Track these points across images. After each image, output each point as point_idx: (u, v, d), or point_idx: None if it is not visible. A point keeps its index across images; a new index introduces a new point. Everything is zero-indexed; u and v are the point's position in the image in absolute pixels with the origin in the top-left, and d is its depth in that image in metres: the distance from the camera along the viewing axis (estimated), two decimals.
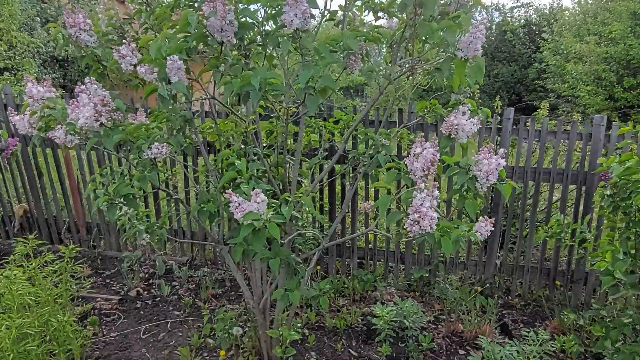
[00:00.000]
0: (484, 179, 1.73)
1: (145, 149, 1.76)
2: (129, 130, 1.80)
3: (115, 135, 1.74)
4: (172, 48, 1.60)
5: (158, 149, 1.75)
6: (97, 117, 1.69)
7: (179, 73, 1.59)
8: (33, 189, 4.23)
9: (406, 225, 1.59)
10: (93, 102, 1.67)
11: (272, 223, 1.62)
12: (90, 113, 1.67)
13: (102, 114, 1.70)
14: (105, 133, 1.73)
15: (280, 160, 2.41)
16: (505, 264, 3.70)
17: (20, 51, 7.73)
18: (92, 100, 1.68)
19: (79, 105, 1.70)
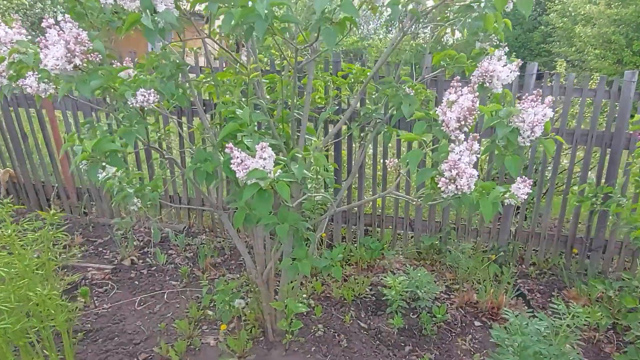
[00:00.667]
0: (528, 131, 1.48)
1: (130, 96, 1.49)
2: (110, 74, 1.52)
3: (93, 80, 1.46)
4: None
5: (144, 96, 1.48)
6: (69, 58, 1.41)
7: (166, 0, 1.31)
8: (18, 152, 3.95)
9: (440, 184, 1.35)
10: (64, 40, 1.39)
11: (281, 182, 1.38)
12: (61, 53, 1.39)
13: (76, 54, 1.41)
14: (81, 78, 1.46)
15: (286, 116, 2.15)
16: (520, 231, 3.50)
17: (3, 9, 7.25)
18: (63, 37, 1.39)
19: (47, 44, 1.42)
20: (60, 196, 4.08)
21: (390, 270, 3.34)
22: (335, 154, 3.32)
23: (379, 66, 1.91)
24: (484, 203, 1.38)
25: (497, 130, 1.49)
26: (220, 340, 2.49)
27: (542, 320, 2.02)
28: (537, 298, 3.10)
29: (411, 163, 1.38)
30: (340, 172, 3.42)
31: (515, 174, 1.49)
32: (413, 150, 1.39)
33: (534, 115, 1.47)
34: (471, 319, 2.82)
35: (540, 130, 1.48)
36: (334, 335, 2.59)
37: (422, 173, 1.40)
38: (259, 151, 1.40)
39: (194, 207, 2.19)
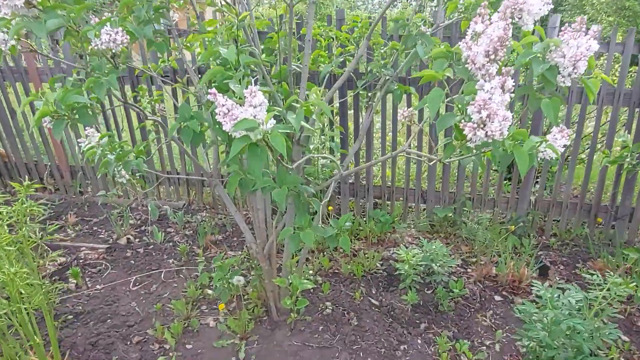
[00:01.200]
0: (570, 67, 1.23)
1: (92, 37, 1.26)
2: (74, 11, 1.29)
3: (50, 19, 1.23)
4: None
5: (110, 35, 1.25)
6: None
7: None
8: (7, 129, 3.75)
9: (466, 131, 1.12)
10: None
11: (275, 132, 1.15)
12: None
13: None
14: (36, 17, 1.23)
15: (284, 72, 1.91)
16: (540, 200, 3.27)
17: None
18: None
19: None
20: (54, 175, 3.89)
21: (401, 244, 3.13)
22: (341, 117, 3.08)
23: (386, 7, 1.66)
24: (519, 152, 1.15)
25: (533, 67, 1.24)
26: (220, 321, 2.31)
27: (576, 292, 1.81)
28: (560, 270, 2.89)
29: (431, 106, 1.14)
30: (347, 137, 3.18)
31: (554, 119, 1.25)
32: (434, 90, 1.15)
33: (577, 47, 1.22)
34: (491, 293, 2.62)
35: (584, 66, 1.24)
36: (344, 313, 2.40)
37: (444, 119, 1.16)
38: (248, 97, 1.18)
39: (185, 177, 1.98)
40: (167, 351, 2.12)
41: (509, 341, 2.22)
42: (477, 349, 2.16)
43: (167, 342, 2.16)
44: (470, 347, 2.17)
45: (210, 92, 1.17)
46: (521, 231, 3.19)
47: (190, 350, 2.13)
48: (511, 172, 3.42)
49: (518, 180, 3.26)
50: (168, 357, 2.07)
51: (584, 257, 3.03)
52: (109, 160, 1.73)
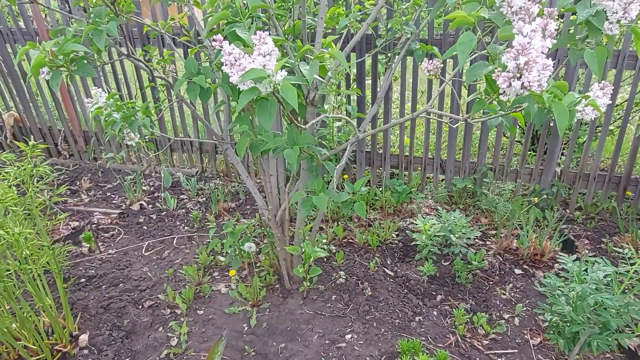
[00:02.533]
0: (620, 11, 1.09)
1: None
2: None
3: None
4: None
5: None
6: None
7: None
8: (20, 93, 3.72)
9: (500, 81, 1.00)
10: None
11: (286, 84, 1.05)
12: None
13: None
14: None
15: (298, 27, 1.78)
16: (566, 171, 3.11)
17: None
18: None
19: None
20: (67, 141, 3.87)
21: (419, 214, 3.03)
22: (358, 80, 2.94)
23: None
24: (558, 108, 1.02)
25: (578, 11, 1.10)
26: (232, 288, 2.27)
27: (606, 265, 1.69)
28: (585, 245, 2.76)
29: (460, 52, 1.02)
30: (364, 100, 3.04)
31: (599, 72, 1.12)
32: (464, 34, 1.03)
33: None
34: (511, 266, 2.52)
35: (637, 10, 1.09)
36: (357, 283, 2.34)
37: (475, 68, 1.04)
38: (257, 44, 1.07)
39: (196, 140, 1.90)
40: (179, 316, 2.10)
41: (529, 315, 2.13)
42: (496, 322, 2.09)
43: (178, 307, 2.14)
44: (488, 320, 2.09)
45: (215, 39, 1.07)
46: (544, 204, 3.06)
47: (201, 315, 2.11)
48: (535, 143, 3.26)
49: (544, 151, 3.10)
50: (179, 322, 2.05)
51: (610, 232, 2.89)
52: (115, 120, 1.66)
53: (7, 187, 1.61)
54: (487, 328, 2.03)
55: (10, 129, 3.88)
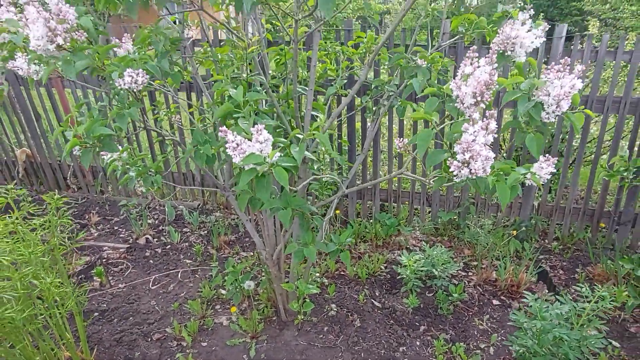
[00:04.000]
0: (554, 105, 1.33)
1: (116, 77, 1.40)
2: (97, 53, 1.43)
3: (78, 60, 1.37)
4: None
5: (132, 77, 1.39)
6: (51, 37, 1.32)
7: None
8: (33, 132, 3.96)
9: (452, 168, 1.23)
10: (43, 17, 1.30)
11: (278, 167, 1.29)
12: (41, 32, 1.30)
13: (58, 33, 1.32)
14: (66, 59, 1.37)
15: (291, 92, 2.03)
16: (543, 205, 3.34)
17: None
18: (43, 14, 1.30)
19: (26, 23, 1.33)
20: (76, 175, 4.10)
21: (406, 247, 3.26)
22: (349, 129, 3.19)
23: (388, 35, 1.76)
24: (501, 188, 1.26)
25: (519, 105, 1.35)
26: (232, 321, 2.48)
27: (563, 303, 1.91)
28: (560, 275, 2.98)
29: (419, 146, 1.26)
30: (354, 147, 3.30)
31: (537, 154, 1.36)
32: (421, 130, 1.27)
33: (561, 87, 1.32)
34: (489, 297, 2.73)
35: (567, 104, 1.33)
36: (347, 314, 2.55)
37: (433, 155, 1.28)
38: (255, 134, 1.31)
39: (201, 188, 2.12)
40: (185, 348, 2.30)
41: (503, 345, 2.34)
42: (472, 351, 2.29)
43: (184, 340, 2.34)
44: (466, 350, 2.30)
45: (221, 130, 1.30)
46: (523, 235, 3.29)
47: (205, 347, 2.31)
48: None
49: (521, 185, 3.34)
50: (185, 354, 2.25)
51: (584, 262, 3.12)
52: (131, 177, 1.89)
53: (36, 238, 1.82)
54: (465, 357, 2.24)
55: (22, 165, 4.11)
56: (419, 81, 1.65)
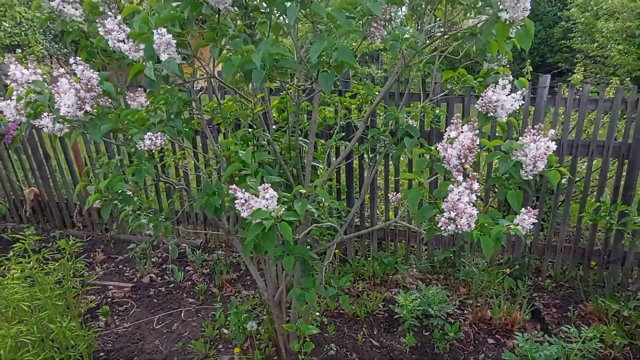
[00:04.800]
0: (531, 165, 1.48)
1: (138, 140, 1.55)
2: (121, 116, 1.59)
3: (103, 125, 1.53)
4: (160, 19, 1.35)
5: (152, 140, 1.54)
6: (80, 105, 1.47)
7: (169, 49, 1.35)
8: (42, 172, 4.10)
9: (440, 224, 1.37)
10: (74, 88, 1.46)
11: (283, 223, 1.41)
12: (72, 101, 1.46)
13: (87, 101, 1.48)
14: (92, 123, 1.53)
15: (292, 143, 2.18)
16: (536, 244, 3.46)
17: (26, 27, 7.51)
18: (74, 85, 1.46)
19: (59, 91, 1.49)
20: (82, 213, 4.21)
21: (403, 285, 3.35)
22: (347, 175, 3.35)
23: (383, 94, 1.93)
24: (484, 241, 1.38)
25: (500, 165, 1.49)
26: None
27: (552, 344, 2.01)
28: (552, 313, 3.06)
29: (410, 203, 1.39)
30: (352, 191, 3.44)
31: (517, 208, 1.49)
32: (412, 189, 1.41)
33: (536, 149, 1.47)
34: (484, 336, 2.81)
35: (543, 164, 1.48)
36: (346, 354, 2.62)
37: (422, 212, 1.41)
38: (262, 192, 1.44)
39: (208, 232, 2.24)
40: None
41: None
42: None
43: None
44: None
45: (231, 188, 1.44)
46: (517, 273, 3.38)
47: None
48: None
49: None
50: None
51: (577, 300, 3.20)
52: (142, 224, 2.01)
53: (50, 282, 1.93)
54: None
55: (30, 204, 4.23)
56: (409, 140, 1.81)
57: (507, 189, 1.54)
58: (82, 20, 1.91)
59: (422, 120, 3.16)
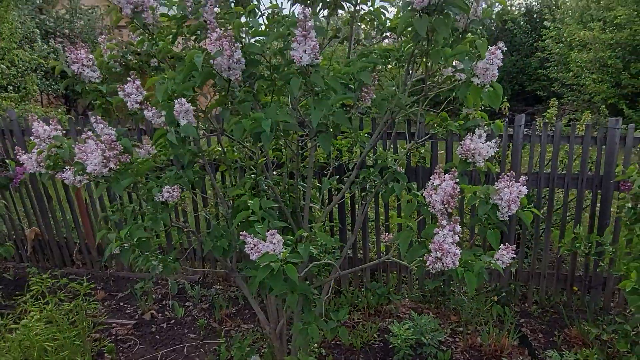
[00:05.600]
0: (506, 208, 1.68)
1: (156, 192, 1.72)
2: (138, 170, 1.76)
3: (124, 179, 1.70)
4: (179, 89, 1.55)
5: (169, 193, 1.71)
6: (105, 163, 1.65)
7: (187, 116, 1.55)
8: (43, 212, 4.22)
9: (428, 263, 1.55)
10: (100, 149, 1.64)
11: (289, 265, 1.58)
12: (98, 160, 1.64)
13: (111, 159, 1.66)
14: (114, 178, 1.70)
15: (290, 186, 2.37)
16: (520, 271, 3.65)
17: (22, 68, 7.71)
18: (100, 147, 1.64)
19: (86, 151, 1.67)
20: (82, 251, 4.31)
21: (396, 315, 3.49)
22: (340, 212, 3.54)
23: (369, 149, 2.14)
24: (468, 276, 1.57)
25: (478, 208, 1.69)
26: None
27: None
28: (539, 338, 3.22)
29: (402, 245, 1.58)
30: (345, 227, 3.62)
31: (496, 246, 1.69)
32: (402, 232, 1.60)
33: (510, 194, 1.68)
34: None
35: (516, 206, 1.68)
36: None
37: (412, 251, 1.60)
38: (269, 237, 1.62)
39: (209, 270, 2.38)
40: None
41: None
42: None
43: None
44: None
45: (242, 235, 1.61)
46: (504, 300, 3.55)
47: None
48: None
49: None
50: None
51: (561, 325, 3.37)
52: (153, 265, 2.16)
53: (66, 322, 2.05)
54: None
55: (31, 243, 4.32)
56: (398, 185, 2.01)
57: (486, 229, 1.74)
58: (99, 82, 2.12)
59: (409, 158, 3.39)
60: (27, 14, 14.49)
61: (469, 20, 2.02)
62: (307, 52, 1.49)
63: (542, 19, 16.58)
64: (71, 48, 2.04)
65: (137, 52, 2.30)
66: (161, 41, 1.97)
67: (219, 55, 1.51)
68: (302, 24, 1.45)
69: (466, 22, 2.03)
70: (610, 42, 12.16)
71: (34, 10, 15.61)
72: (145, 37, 2.21)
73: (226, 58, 1.52)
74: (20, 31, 7.85)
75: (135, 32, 2.26)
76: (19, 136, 3.98)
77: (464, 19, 2.02)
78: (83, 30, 16.62)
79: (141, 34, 2.21)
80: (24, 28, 10.58)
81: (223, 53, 1.51)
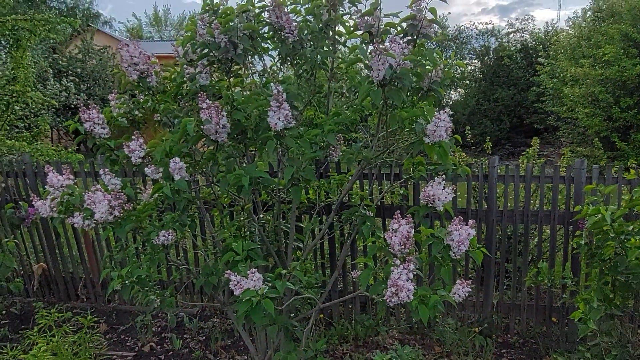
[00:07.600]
0: (456, 248, 1.93)
1: (154, 236, 2.00)
2: (139, 217, 2.04)
3: (127, 225, 1.97)
4: (174, 150, 1.85)
5: (165, 237, 1.98)
6: (111, 211, 1.93)
7: (180, 172, 1.84)
8: (51, 248, 4.48)
9: (386, 297, 1.79)
10: (107, 199, 1.92)
11: (266, 299, 1.83)
12: (105, 209, 1.92)
13: (116, 208, 1.94)
14: (118, 224, 1.98)
15: (276, 227, 2.64)
16: (501, 303, 3.83)
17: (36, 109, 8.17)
18: (106, 197, 1.93)
19: (95, 201, 1.95)
20: (86, 286, 4.54)
21: (383, 346, 3.67)
22: (330, 245, 3.78)
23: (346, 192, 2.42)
24: (422, 309, 1.80)
25: (433, 249, 1.94)
26: None
27: None
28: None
29: (362, 282, 1.83)
30: (335, 260, 3.85)
31: (449, 282, 1.93)
32: (363, 271, 1.85)
33: (459, 235, 1.93)
34: None
35: (465, 246, 1.94)
36: None
37: (374, 287, 1.84)
38: (250, 275, 1.87)
39: (203, 304, 2.61)
40: None
41: None
42: None
43: None
44: None
45: (226, 273, 1.87)
46: (487, 331, 3.73)
47: None
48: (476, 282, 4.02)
49: (481, 284, 3.86)
50: None
51: (540, 355, 3.53)
52: (152, 300, 2.41)
53: (70, 354, 2.28)
54: None
55: (37, 278, 4.56)
56: (367, 228, 2.27)
57: (441, 266, 1.98)
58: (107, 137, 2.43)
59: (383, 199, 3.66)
60: (40, 53, 15.22)
61: (432, 80, 2.33)
62: (281, 119, 1.79)
63: (537, 55, 17.17)
64: (84, 109, 2.36)
65: (143, 107, 2.64)
66: (163, 103, 2.28)
67: (208, 124, 1.82)
68: (277, 97, 1.76)
69: (429, 83, 2.34)
70: (600, 77, 12.56)
71: (47, 50, 16.40)
72: (150, 97, 2.54)
73: (213, 125, 1.83)
74: (34, 70, 8.34)
75: (141, 93, 2.60)
76: (32, 179, 4.30)
77: (428, 79, 2.34)
78: (95, 69, 17.39)
79: (146, 95, 2.54)
80: (37, 67, 11.18)
81: (211, 120, 1.81)
